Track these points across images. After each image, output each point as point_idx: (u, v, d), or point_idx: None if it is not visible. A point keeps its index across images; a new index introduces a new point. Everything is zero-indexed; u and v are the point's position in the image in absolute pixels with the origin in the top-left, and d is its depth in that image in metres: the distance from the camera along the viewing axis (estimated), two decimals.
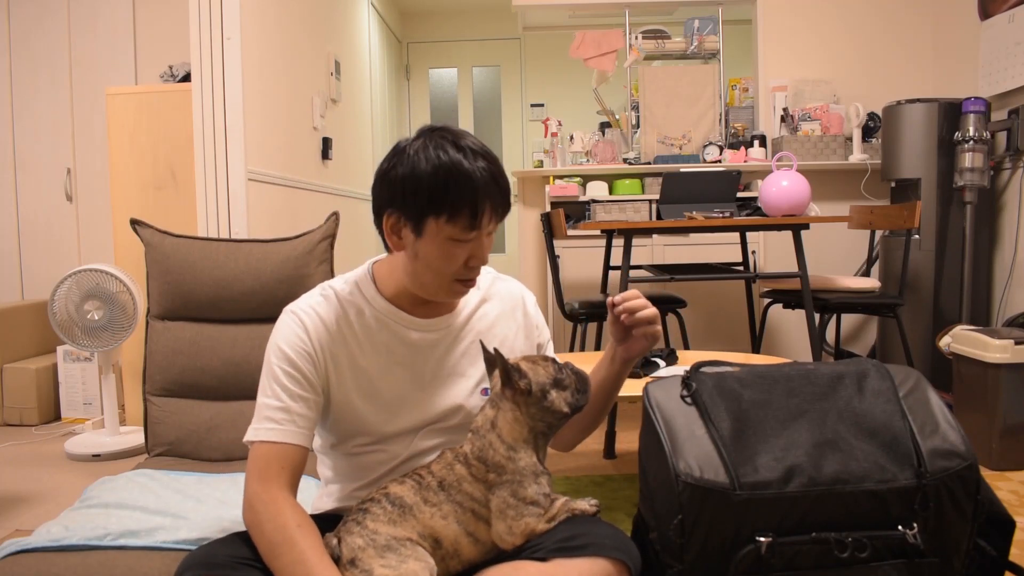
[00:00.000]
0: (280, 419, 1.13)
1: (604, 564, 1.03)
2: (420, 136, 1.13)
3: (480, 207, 1.10)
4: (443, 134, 1.12)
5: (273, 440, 1.12)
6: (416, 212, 1.11)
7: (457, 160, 1.09)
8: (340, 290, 1.23)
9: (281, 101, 3.29)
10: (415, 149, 1.11)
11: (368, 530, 1.04)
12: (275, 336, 1.20)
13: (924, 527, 1.07)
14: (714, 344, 3.84)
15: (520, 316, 1.32)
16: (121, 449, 2.85)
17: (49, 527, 1.41)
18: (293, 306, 1.22)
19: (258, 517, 1.06)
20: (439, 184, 1.09)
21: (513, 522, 1.07)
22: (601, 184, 3.98)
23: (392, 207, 1.13)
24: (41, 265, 3.93)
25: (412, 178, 1.10)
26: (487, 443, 1.12)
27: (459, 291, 1.19)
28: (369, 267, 1.26)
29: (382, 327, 1.21)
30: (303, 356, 1.17)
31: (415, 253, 1.14)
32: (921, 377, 1.21)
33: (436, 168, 1.09)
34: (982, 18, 3.66)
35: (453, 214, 1.09)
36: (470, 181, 1.09)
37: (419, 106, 6.18)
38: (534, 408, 1.13)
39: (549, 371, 1.16)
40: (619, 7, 4.28)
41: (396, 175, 1.11)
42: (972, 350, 2.64)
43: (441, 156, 1.09)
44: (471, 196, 1.09)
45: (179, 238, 1.97)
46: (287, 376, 1.15)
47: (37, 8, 3.89)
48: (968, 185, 3.38)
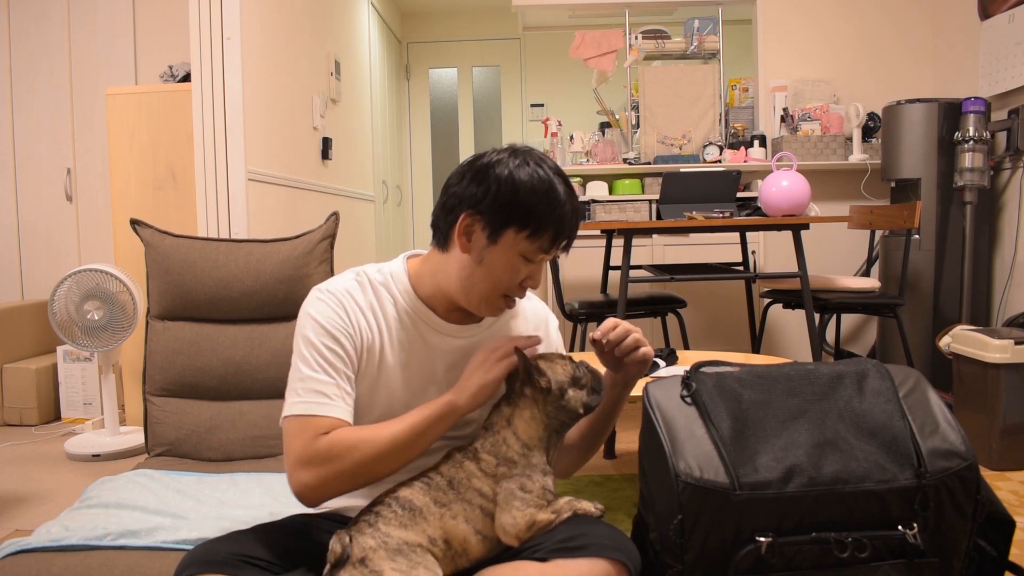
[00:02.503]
0: (332, 394, 1.12)
1: (604, 564, 1.03)
2: (512, 153, 1.14)
3: (563, 233, 1.14)
4: (539, 157, 1.15)
5: (325, 415, 1.10)
6: (500, 219, 1.11)
7: (554, 182, 1.12)
8: (374, 278, 1.22)
9: (281, 101, 3.29)
10: (516, 163, 1.12)
11: (380, 532, 1.05)
12: (312, 313, 1.16)
13: (924, 527, 1.07)
14: (714, 344, 3.84)
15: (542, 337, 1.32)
16: (121, 449, 2.85)
17: (49, 527, 1.41)
18: (326, 285, 1.20)
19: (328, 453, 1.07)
20: (535, 199, 1.11)
21: (518, 512, 1.08)
22: (601, 184, 3.99)
23: (476, 207, 1.12)
24: (41, 265, 3.93)
25: (510, 185, 1.11)
26: (501, 439, 1.12)
27: (500, 308, 1.20)
28: (404, 261, 1.25)
29: (409, 323, 1.21)
30: (345, 335, 1.15)
31: (481, 259, 1.14)
32: (921, 377, 1.21)
33: (536, 182, 1.11)
34: (982, 18, 3.66)
35: (536, 231, 1.12)
36: (562, 206, 1.12)
37: (419, 106, 6.18)
38: (551, 407, 1.14)
39: (567, 369, 1.16)
40: (619, 7, 4.28)
41: (495, 176, 1.12)
42: (972, 350, 2.64)
43: (540, 173, 1.12)
44: (558, 220, 1.12)
45: (179, 238, 1.97)
46: (332, 353, 1.14)
47: (37, 8, 3.89)
48: (968, 185, 3.38)
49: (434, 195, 6.20)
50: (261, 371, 1.88)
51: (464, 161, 1.18)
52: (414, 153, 6.19)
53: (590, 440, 1.32)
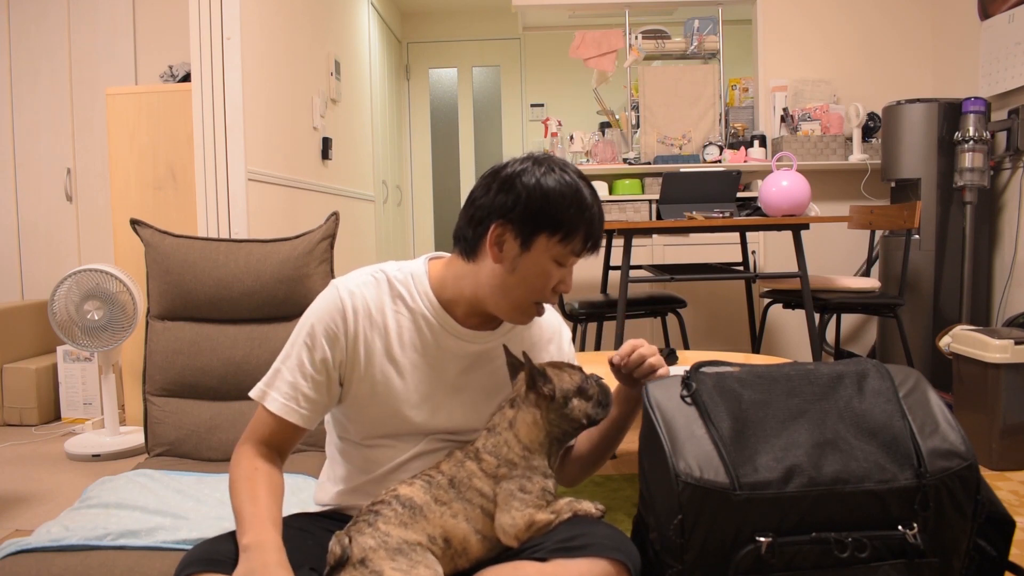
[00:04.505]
0: (286, 394, 1.17)
1: (604, 564, 1.03)
2: (536, 162, 1.16)
3: (593, 234, 1.16)
4: (562, 163, 1.17)
5: (274, 412, 1.16)
6: (532, 226, 1.13)
7: (580, 186, 1.15)
8: (393, 277, 1.23)
9: (281, 101, 3.29)
10: (542, 171, 1.14)
11: (380, 532, 1.04)
12: (314, 307, 1.21)
13: (924, 527, 1.07)
14: (714, 344, 3.84)
15: (554, 349, 1.33)
16: (121, 449, 2.85)
17: (49, 527, 1.41)
18: (340, 282, 1.22)
19: (233, 460, 1.16)
20: (564, 204, 1.13)
21: (517, 512, 1.08)
22: (601, 184, 3.99)
23: (506, 217, 1.14)
24: (41, 265, 3.93)
25: (539, 192, 1.13)
26: (502, 440, 1.13)
27: (532, 314, 1.21)
28: (425, 262, 1.26)
29: (424, 326, 1.21)
30: (330, 338, 1.17)
31: (514, 267, 1.15)
32: (921, 377, 1.21)
33: (564, 188, 1.13)
34: (982, 18, 3.66)
35: (568, 234, 1.14)
36: (590, 208, 1.15)
37: (419, 106, 6.18)
38: (554, 414, 1.14)
39: (575, 379, 1.16)
40: (619, 7, 4.28)
41: (523, 185, 1.13)
42: (972, 350, 2.64)
43: (567, 179, 1.14)
44: (588, 222, 1.15)
45: (179, 238, 1.97)
46: (307, 353, 1.17)
47: (37, 8, 3.89)
48: (968, 185, 3.38)
49: (434, 195, 6.21)
50: (261, 371, 1.86)
51: (486, 173, 1.19)
52: (414, 153, 6.19)
53: (599, 451, 1.32)
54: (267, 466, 1.15)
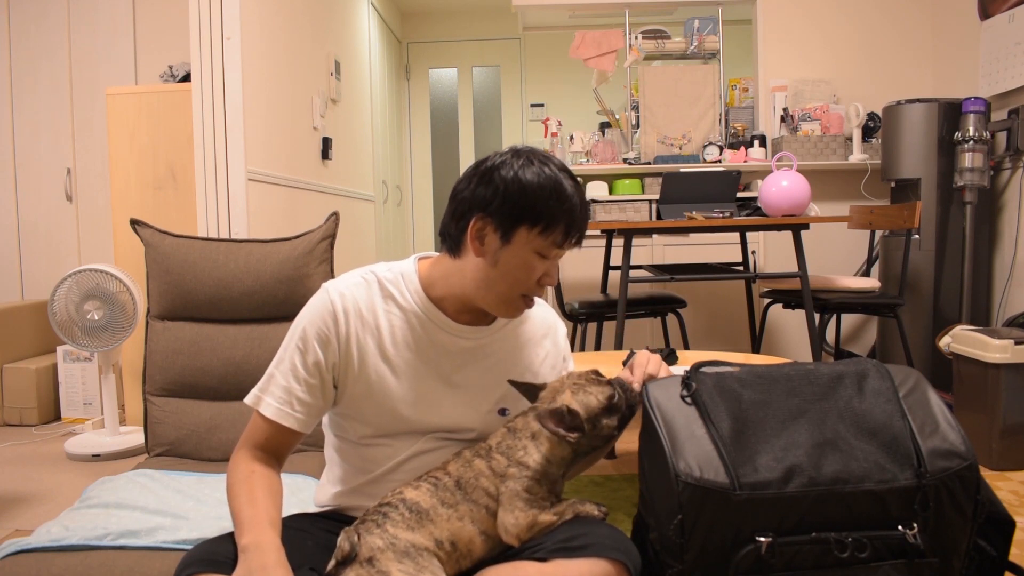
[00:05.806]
0: (280, 398, 1.17)
1: (604, 565, 1.03)
2: (515, 154, 1.16)
3: (574, 225, 1.15)
4: (543, 156, 1.17)
5: (268, 417, 1.17)
6: (511, 219, 1.13)
7: (560, 178, 1.14)
8: (383, 277, 1.23)
9: (281, 101, 3.29)
10: (520, 163, 1.14)
11: (388, 533, 1.05)
12: (305, 311, 1.21)
13: (924, 527, 1.07)
14: (714, 344, 3.84)
15: (549, 345, 1.33)
16: (121, 449, 2.85)
17: (49, 527, 1.41)
18: (330, 284, 1.22)
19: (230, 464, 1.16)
20: (544, 195, 1.12)
21: (520, 512, 1.08)
22: (601, 184, 3.98)
23: (486, 210, 1.14)
24: (41, 265, 3.93)
25: (517, 184, 1.12)
26: (521, 446, 1.13)
27: (520, 308, 1.21)
28: (415, 262, 1.26)
29: (417, 324, 1.21)
30: (322, 341, 1.18)
31: (495, 261, 1.15)
32: (921, 377, 1.20)
33: (543, 180, 1.13)
34: (982, 18, 3.66)
35: (548, 226, 1.13)
36: (570, 200, 1.14)
37: (419, 106, 6.18)
38: (584, 439, 1.14)
39: (600, 398, 1.15)
40: (619, 7, 4.28)
41: (501, 178, 1.13)
42: (972, 350, 2.64)
43: (546, 171, 1.14)
44: (568, 213, 1.14)
45: (179, 238, 1.97)
46: (300, 356, 1.18)
47: (37, 8, 3.89)
48: (968, 185, 3.38)
49: (434, 195, 6.21)
50: (261, 371, 1.86)
51: (469, 167, 1.19)
52: (414, 153, 6.19)
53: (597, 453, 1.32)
54: (264, 469, 1.15)
